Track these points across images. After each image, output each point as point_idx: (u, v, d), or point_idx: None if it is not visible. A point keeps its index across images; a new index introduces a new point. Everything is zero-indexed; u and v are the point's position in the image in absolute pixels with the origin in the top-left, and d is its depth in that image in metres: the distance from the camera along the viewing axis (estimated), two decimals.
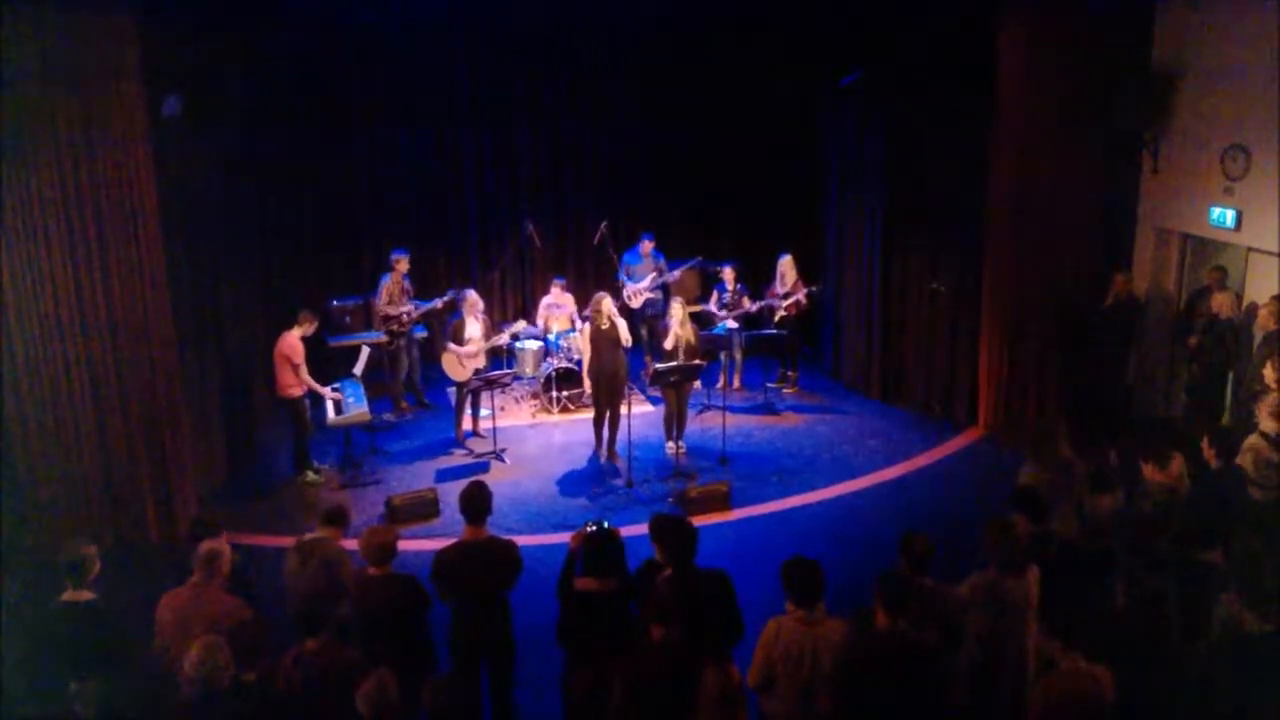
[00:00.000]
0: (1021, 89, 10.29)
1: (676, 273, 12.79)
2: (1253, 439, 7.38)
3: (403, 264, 11.69)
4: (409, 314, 11.77)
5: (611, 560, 5.64)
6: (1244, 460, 7.25)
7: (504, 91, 13.39)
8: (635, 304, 12.69)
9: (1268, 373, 8.00)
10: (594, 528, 5.80)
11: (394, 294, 11.69)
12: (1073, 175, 10.28)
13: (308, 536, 6.45)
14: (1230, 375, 9.72)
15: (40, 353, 8.38)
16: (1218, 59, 9.72)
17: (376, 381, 11.85)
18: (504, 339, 11.54)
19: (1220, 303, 9.64)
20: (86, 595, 5.71)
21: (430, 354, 12.36)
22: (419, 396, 12.32)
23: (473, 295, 11.14)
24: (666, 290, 12.81)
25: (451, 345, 10.91)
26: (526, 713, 6.52)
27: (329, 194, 12.87)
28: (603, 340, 10.37)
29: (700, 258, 12.82)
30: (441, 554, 6.10)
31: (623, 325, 10.45)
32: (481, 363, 11.09)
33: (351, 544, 6.71)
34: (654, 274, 12.68)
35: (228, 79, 10.48)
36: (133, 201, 8.54)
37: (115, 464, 8.81)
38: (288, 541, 8.95)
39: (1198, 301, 10.21)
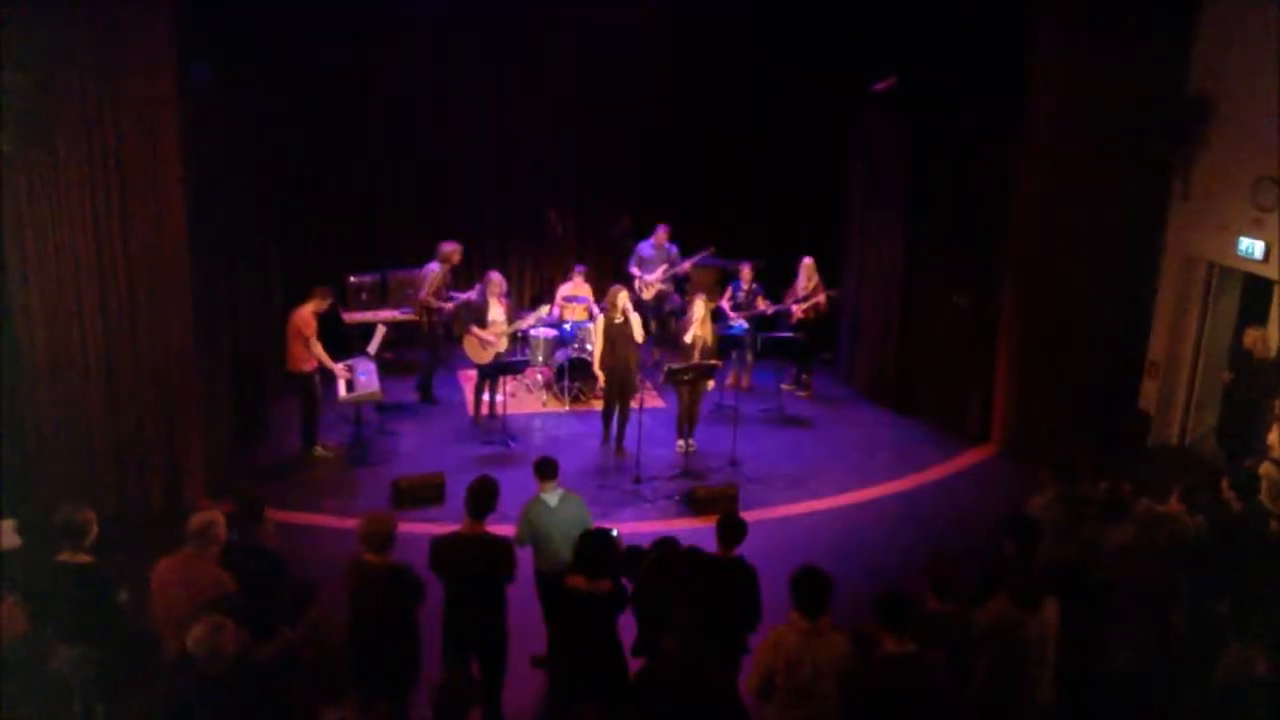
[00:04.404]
0: (1054, 109, 10.13)
1: (687, 264, 12.70)
2: (1265, 467, 7.24)
3: (456, 255, 11.67)
4: (453, 305, 11.65)
5: (604, 562, 5.59)
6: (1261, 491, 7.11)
7: (531, 87, 13.45)
8: (647, 295, 12.62)
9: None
10: (594, 528, 5.77)
11: (439, 285, 11.59)
12: (1100, 197, 10.16)
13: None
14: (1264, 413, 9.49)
15: (58, 322, 8.38)
16: (1252, 89, 9.56)
17: (409, 360, 12.11)
18: (527, 323, 11.48)
19: (1253, 339, 9.44)
20: (84, 558, 5.71)
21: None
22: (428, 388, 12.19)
23: (496, 277, 11.11)
24: (681, 285, 12.73)
25: (474, 328, 10.87)
26: (520, 708, 6.50)
27: (350, 170, 12.96)
28: (615, 333, 10.34)
29: (712, 250, 12.73)
30: (435, 541, 6.09)
31: (636, 320, 10.42)
32: (503, 346, 11.06)
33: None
34: (665, 265, 12.61)
35: (252, 52, 10.49)
36: (155, 172, 8.50)
37: (124, 434, 8.81)
38: (298, 517, 9.06)
39: (1232, 336, 10.04)
